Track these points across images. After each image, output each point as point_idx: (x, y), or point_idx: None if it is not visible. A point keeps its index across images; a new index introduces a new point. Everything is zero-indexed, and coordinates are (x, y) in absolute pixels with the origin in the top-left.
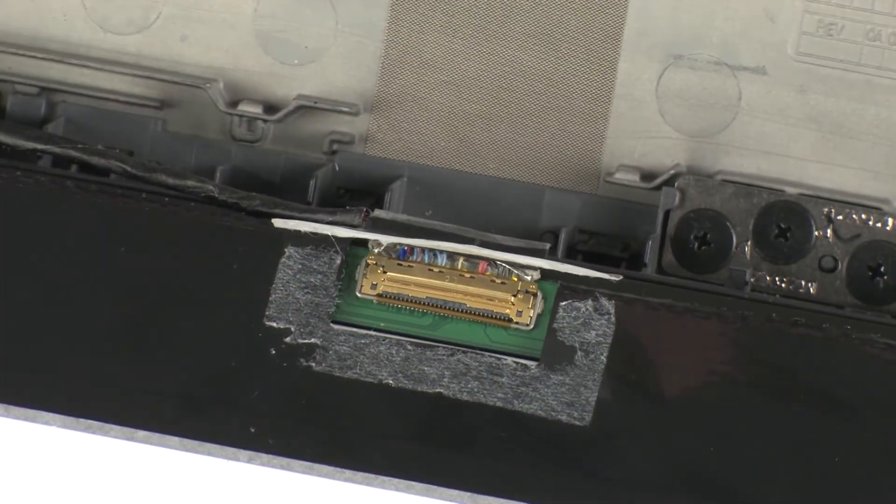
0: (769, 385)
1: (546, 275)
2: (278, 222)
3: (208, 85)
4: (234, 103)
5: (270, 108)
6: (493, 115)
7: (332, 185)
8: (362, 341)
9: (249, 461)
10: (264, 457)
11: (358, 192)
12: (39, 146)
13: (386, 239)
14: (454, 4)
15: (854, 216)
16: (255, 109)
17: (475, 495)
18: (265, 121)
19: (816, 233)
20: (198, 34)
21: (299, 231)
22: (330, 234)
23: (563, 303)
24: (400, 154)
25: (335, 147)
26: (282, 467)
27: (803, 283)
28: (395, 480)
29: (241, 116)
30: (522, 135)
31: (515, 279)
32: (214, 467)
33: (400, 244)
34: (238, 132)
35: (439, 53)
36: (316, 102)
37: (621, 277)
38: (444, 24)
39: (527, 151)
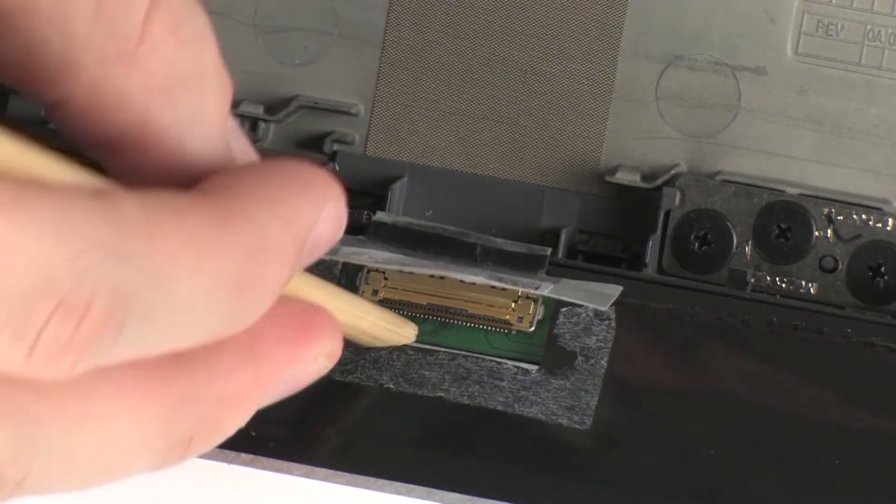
0: (771, 389)
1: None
2: None
3: None
4: (234, 104)
5: (271, 108)
6: (493, 115)
7: None
8: (362, 346)
9: (250, 464)
10: (265, 460)
11: (358, 192)
12: None
13: (383, 265)
14: (454, 4)
15: (854, 216)
16: (256, 110)
17: (475, 499)
18: (266, 121)
19: (817, 233)
20: None
21: None
22: (327, 257)
23: (564, 308)
24: (400, 154)
25: (335, 147)
26: (282, 471)
27: (803, 283)
28: (396, 484)
29: (242, 117)
30: (522, 135)
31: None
32: (214, 470)
33: (399, 256)
34: None
35: (439, 53)
36: (316, 103)
37: (620, 290)
38: (444, 24)
39: (527, 151)
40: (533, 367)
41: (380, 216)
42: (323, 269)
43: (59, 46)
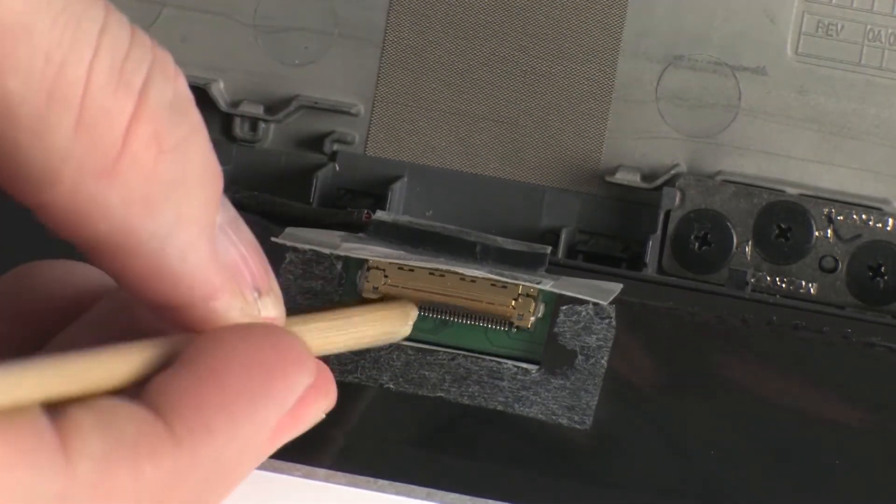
0: (771, 389)
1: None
2: (276, 239)
3: (209, 85)
4: (234, 103)
5: (271, 108)
6: (493, 115)
7: (332, 185)
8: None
9: None
10: (265, 460)
11: (358, 192)
12: None
13: (384, 258)
14: (454, 4)
15: (854, 216)
16: (256, 110)
17: (476, 499)
18: (266, 121)
19: (817, 233)
20: (198, 34)
21: (296, 248)
22: (328, 252)
23: (564, 307)
24: (400, 154)
25: (335, 147)
26: (282, 471)
27: (803, 283)
28: (396, 484)
29: (242, 117)
30: (522, 135)
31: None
32: None
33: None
34: (239, 132)
35: (439, 53)
36: (316, 103)
37: (621, 287)
38: (444, 24)
39: (527, 151)
40: (533, 367)
41: (380, 215)
42: (324, 268)
43: (39, 157)
